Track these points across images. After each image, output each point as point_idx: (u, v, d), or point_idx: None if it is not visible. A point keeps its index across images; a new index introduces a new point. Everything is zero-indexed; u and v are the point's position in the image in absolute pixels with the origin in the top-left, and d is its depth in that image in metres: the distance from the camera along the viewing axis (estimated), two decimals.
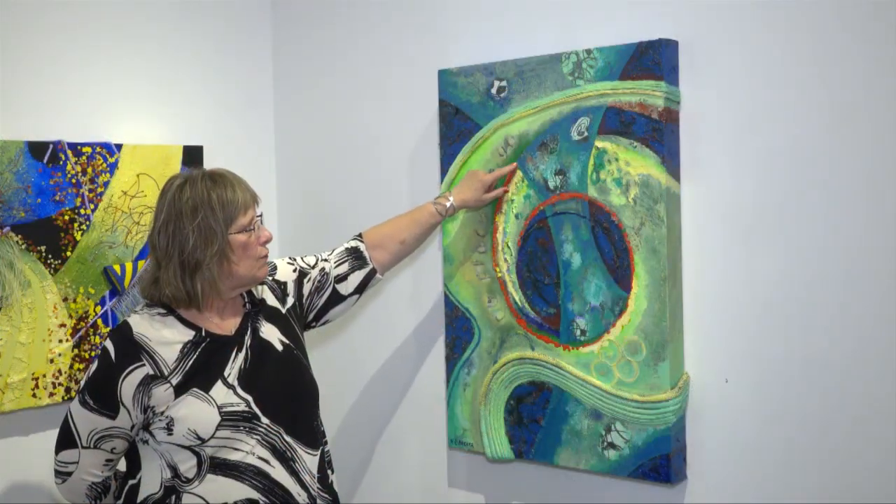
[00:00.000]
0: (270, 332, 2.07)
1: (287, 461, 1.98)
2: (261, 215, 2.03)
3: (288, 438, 1.99)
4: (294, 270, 2.21)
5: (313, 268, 2.23)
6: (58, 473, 1.99)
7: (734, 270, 2.10)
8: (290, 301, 2.17)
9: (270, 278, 2.17)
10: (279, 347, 2.06)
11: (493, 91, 2.38)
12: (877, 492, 1.94)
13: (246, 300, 2.09)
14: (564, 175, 2.26)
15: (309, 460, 2.03)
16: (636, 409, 2.16)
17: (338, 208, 2.89)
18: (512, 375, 2.38)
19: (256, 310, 2.08)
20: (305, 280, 2.21)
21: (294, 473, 1.99)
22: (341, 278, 2.24)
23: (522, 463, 2.46)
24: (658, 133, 2.11)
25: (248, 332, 2.03)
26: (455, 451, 2.59)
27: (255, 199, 2.02)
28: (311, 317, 2.23)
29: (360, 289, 2.27)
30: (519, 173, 2.34)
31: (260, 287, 2.13)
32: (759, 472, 2.09)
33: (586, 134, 2.22)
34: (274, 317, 2.11)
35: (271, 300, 2.13)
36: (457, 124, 2.45)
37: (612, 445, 2.21)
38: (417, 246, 2.38)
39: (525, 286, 2.35)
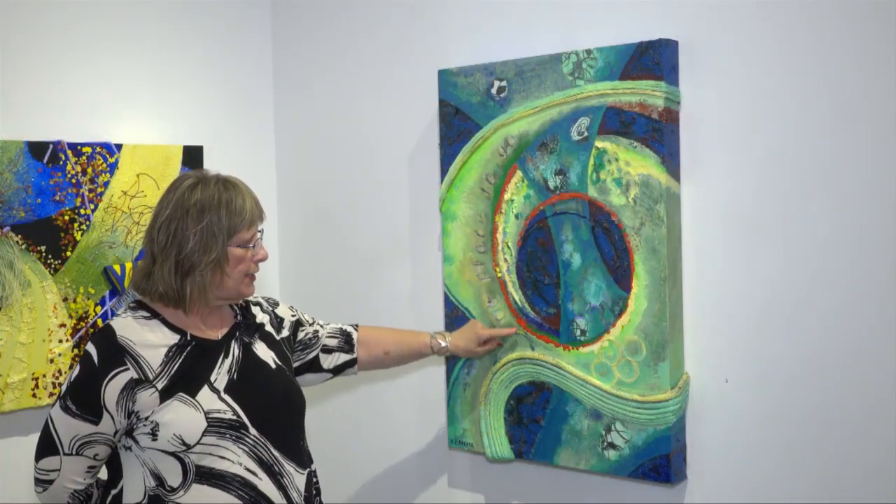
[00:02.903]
0: (266, 353, 2.05)
1: (275, 475, 1.94)
2: (262, 231, 2.01)
3: (275, 452, 1.95)
4: (293, 316, 2.21)
5: (310, 325, 2.23)
6: (38, 482, 1.93)
7: (734, 270, 2.10)
8: (285, 333, 2.16)
9: (272, 309, 2.16)
10: (272, 366, 2.04)
11: (493, 91, 2.38)
12: (877, 492, 1.94)
13: (238, 312, 2.07)
14: (564, 175, 2.26)
15: (297, 477, 1.99)
16: (636, 409, 2.16)
17: (338, 208, 2.89)
18: (512, 375, 2.38)
19: (248, 323, 2.06)
20: (300, 329, 2.21)
21: (282, 487, 1.94)
22: (327, 350, 2.24)
23: (522, 463, 2.46)
24: (658, 133, 2.11)
25: (236, 340, 2.01)
26: (455, 451, 2.59)
27: (261, 215, 2.00)
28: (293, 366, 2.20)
29: (337, 371, 2.27)
30: (519, 173, 2.34)
31: (262, 315, 2.12)
32: (759, 472, 2.09)
33: (586, 134, 2.22)
34: (270, 341, 2.09)
35: (268, 327, 2.12)
36: (457, 124, 2.45)
37: (612, 445, 2.21)
38: (398, 365, 2.41)
39: (525, 286, 2.35)
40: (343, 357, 2.27)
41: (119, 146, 2.62)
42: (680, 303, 2.16)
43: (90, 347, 1.90)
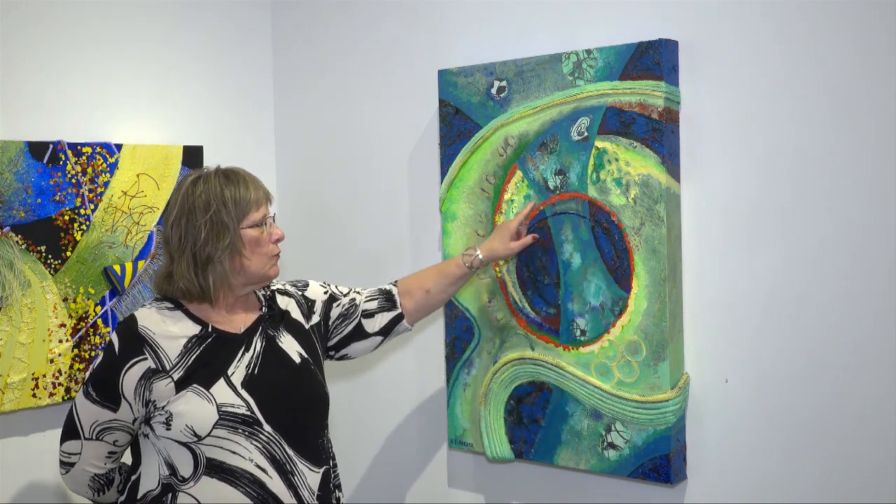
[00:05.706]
0: (290, 345, 2.05)
1: (286, 473, 1.95)
2: (273, 215, 2.04)
3: (289, 450, 1.96)
4: (325, 293, 2.20)
5: (345, 296, 2.21)
6: (62, 463, 2.01)
7: (734, 270, 2.10)
8: (316, 319, 2.15)
9: (301, 294, 2.16)
10: (297, 359, 2.04)
11: (493, 91, 2.38)
12: (877, 492, 1.94)
13: (264, 304, 2.08)
14: (564, 175, 2.26)
15: (310, 476, 1.99)
16: (636, 409, 2.16)
17: (338, 208, 2.89)
18: (512, 375, 2.38)
19: (273, 315, 2.07)
20: (335, 304, 2.19)
21: (291, 486, 1.95)
22: (368, 314, 2.21)
23: (522, 463, 2.46)
24: (658, 133, 2.11)
25: (259, 334, 2.02)
26: (455, 451, 2.60)
27: (267, 197, 2.03)
28: (332, 342, 2.19)
29: (385, 331, 2.23)
30: (519, 173, 2.34)
31: (286, 300, 2.12)
32: (758, 472, 2.10)
33: (586, 134, 2.22)
34: (296, 330, 2.09)
35: (296, 314, 2.12)
36: (457, 124, 2.45)
37: (612, 445, 2.21)
38: (444, 298, 2.30)
39: (525, 286, 2.35)
40: (387, 316, 2.22)
41: (119, 146, 2.62)
42: (680, 303, 2.16)
43: (113, 336, 1.95)
